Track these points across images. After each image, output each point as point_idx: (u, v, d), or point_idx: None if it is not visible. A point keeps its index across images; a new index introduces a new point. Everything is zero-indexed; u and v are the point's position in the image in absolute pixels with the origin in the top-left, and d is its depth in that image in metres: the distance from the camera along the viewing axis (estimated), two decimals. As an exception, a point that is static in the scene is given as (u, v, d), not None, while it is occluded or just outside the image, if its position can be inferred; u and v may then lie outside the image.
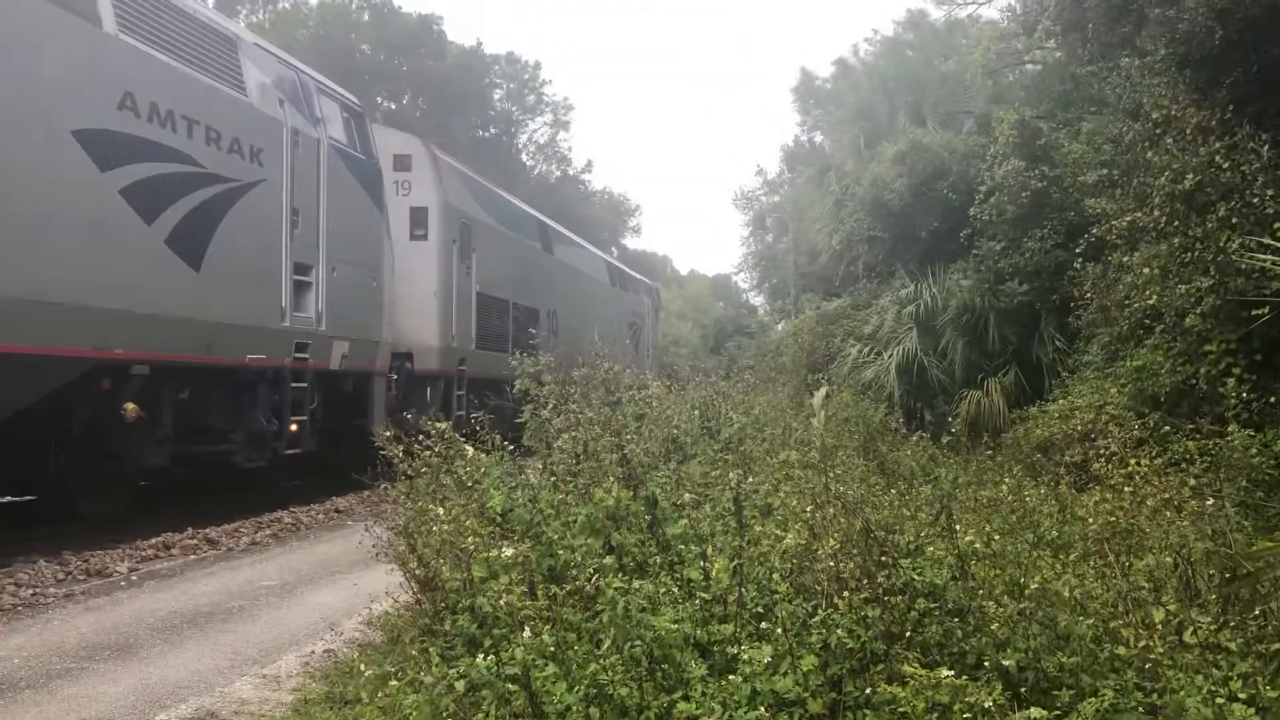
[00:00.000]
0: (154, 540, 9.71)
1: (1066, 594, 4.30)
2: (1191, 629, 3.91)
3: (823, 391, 5.27)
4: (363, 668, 4.36)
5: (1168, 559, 4.90)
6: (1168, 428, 9.83)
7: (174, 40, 10.17)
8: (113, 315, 9.15)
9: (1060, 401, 12.51)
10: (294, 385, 12.08)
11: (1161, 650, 3.69)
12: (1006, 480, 7.84)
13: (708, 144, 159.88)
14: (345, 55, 54.91)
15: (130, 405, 9.51)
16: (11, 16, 8.13)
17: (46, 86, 8.44)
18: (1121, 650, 3.81)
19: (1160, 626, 3.94)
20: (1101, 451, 10.08)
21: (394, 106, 56.57)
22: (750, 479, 5.67)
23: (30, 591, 7.60)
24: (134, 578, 8.32)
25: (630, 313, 30.44)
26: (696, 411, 9.09)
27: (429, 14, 62.24)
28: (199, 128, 10.24)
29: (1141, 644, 3.74)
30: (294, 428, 11.92)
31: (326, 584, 8.00)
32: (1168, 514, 6.13)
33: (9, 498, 11.15)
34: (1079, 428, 11.06)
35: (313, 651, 5.90)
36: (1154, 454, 9.03)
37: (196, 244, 10.19)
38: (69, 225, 8.64)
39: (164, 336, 9.90)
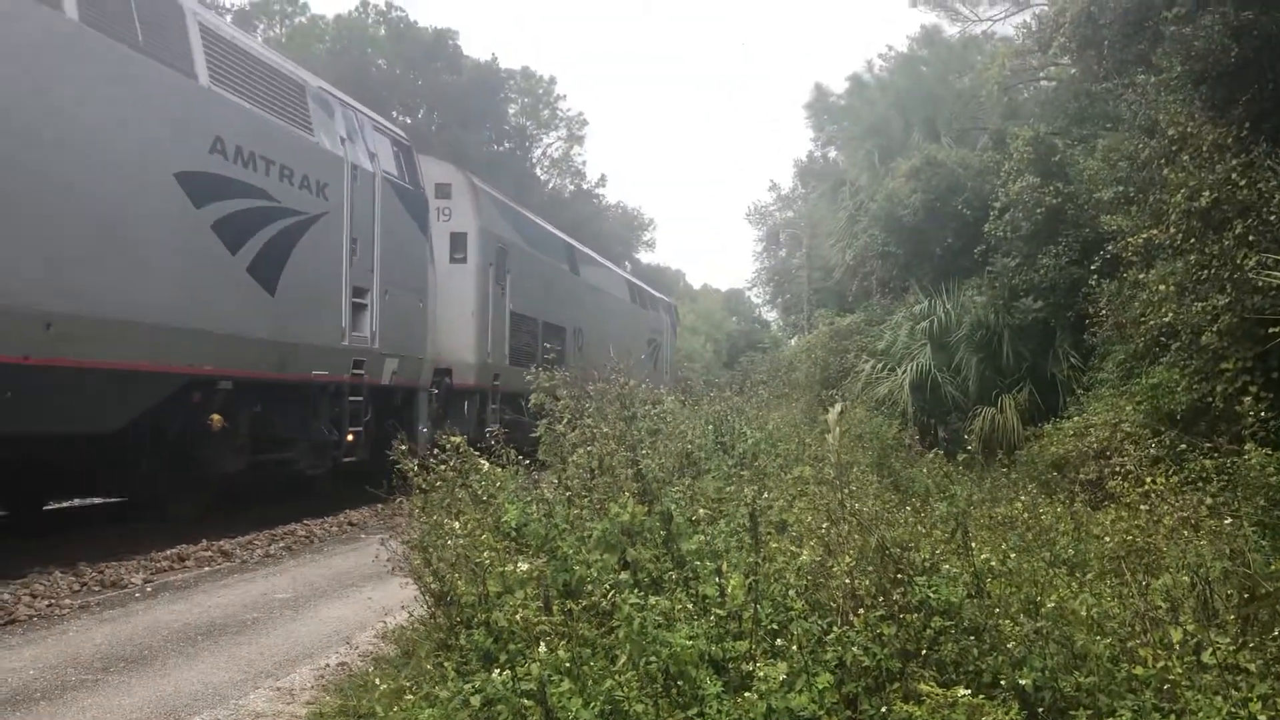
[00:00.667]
0: (168, 552, 9.74)
1: (1083, 613, 4.27)
2: (1210, 649, 3.88)
3: (837, 408, 5.27)
4: (377, 681, 4.37)
5: (1185, 578, 4.87)
6: (1184, 446, 9.78)
7: (253, 88, 11.22)
8: (205, 336, 10.17)
9: (1075, 419, 12.47)
10: (351, 399, 12.95)
11: (1180, 671, 3.66)
12: (1022, 498, 7.82)
13: (713, 149, 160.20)
14: (361, 70, 55.24)
15: (216, 416, 10.44)
16: (126, 73, 9.18)
17: (155, 135, 9.52)
18: (1139, 670, 3.78)
19: (1178, 647, 3.91)
20: (1117, 469, 10.05)
21: (409, 120, 56.77)
22: (765, 495, 5.66)
23: (46, 603, 7.62)
24: (149, 589, 8.34)
25: (650, 329, 31.33)
26: (710, 427, 9.09)
27: (444, 28, 62.41)
28: (274, 166, 11.24)
29: (1160, 664, 3.72)
30: (350, 438, 12.68)
31: (340, 597, 8.01)
32: (1185, 533, 6.10)
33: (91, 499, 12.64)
34: (1094, 445, 11.02)
35: (327, 664, 5.90)
36: (1170, 472, 8.98)
37: (272, 271, 11.19)
38: (171, 256, 9.67)
39: (245, 355, 10.86)
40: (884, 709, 3.68)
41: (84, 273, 8.59)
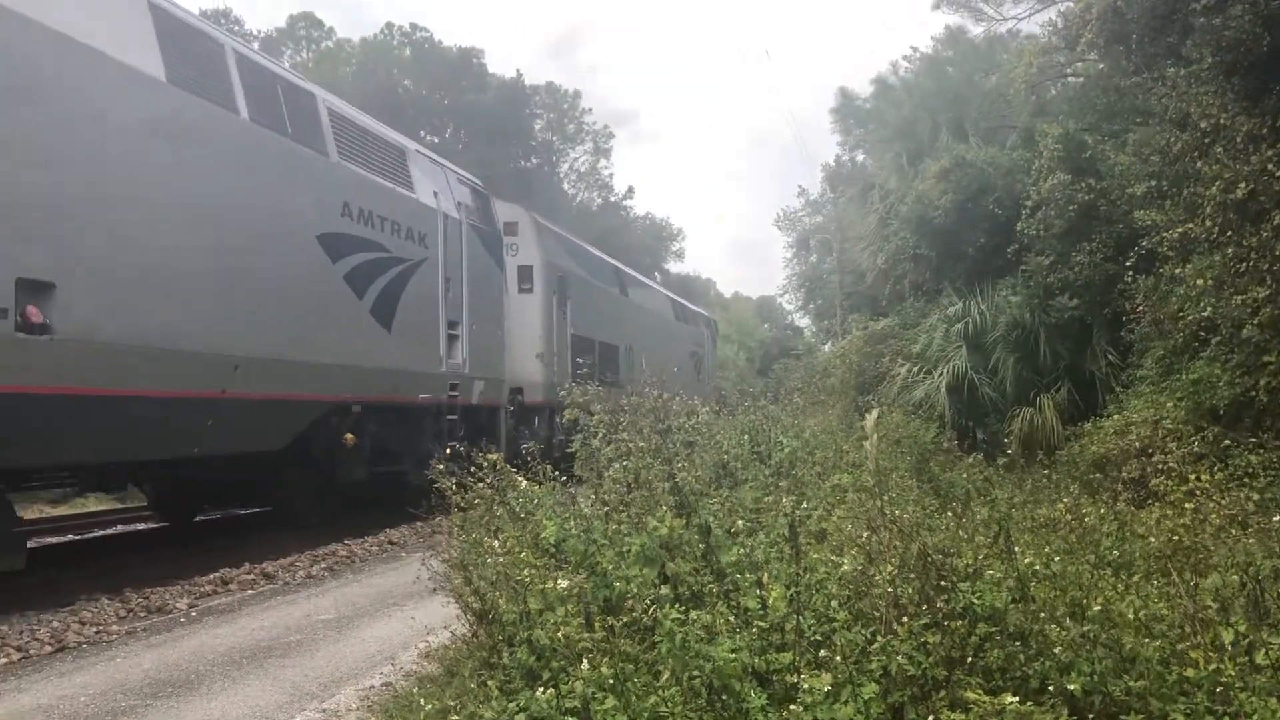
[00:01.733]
0: (212, 576, 9.84)
1: (1131, 615, 4.21)
2: (1263, 650, 3.82)
3: (875, 414, 5.22)
4: (422, 701, 4.37)
5: (1234, 577, 4.80)
6: (1228, 441, 9.65)
7: (368, 157, 13.25)
8: (343, 369, 12.19)
9: (1115, 417, 12.33)
10: (448, 417, 14.81)
11: (1233, 672, 3.60)
12: (1064, 499, 7.73)
13: (738, 153, 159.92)
14: (388, 92, 55.70)
15: (349, 435, 12.33)
16: (281, 157, 11.17)
17: (303, 206, 11.52)
18: (1191, 673, 3.72)
19: (1230, 648, 3.84)
20: (1160, 467, 9.93)
21: (436, 140, 57.16)
22: (804, 504, 5.63)
23: (94, 629, 7.73)
24: (193, 614, 8.43)
25: (692, 343, 33.17)
26: (746, 437, 9.06)
27: (469, 47, 62.87)
28: (387, 222, 13.27)
29: (1212, 666, 3.65)
30: (448, 451, 14.15)
31: (382, 617, 8.05)
32: (1232, 531, 6.01)
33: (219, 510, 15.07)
34: (1135, 443, 10.89)
35: (371, 685, 5.93)
36: (1215, 469, 8.87)
37: (388, 311, 13.21)
38: (317, 304, 11.69)
39: (370, 383, 12.82)
40: (930, 718, 3.64)
41: (256, 323, 10.54)
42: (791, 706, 3.52)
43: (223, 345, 9.99)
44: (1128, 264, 13.13)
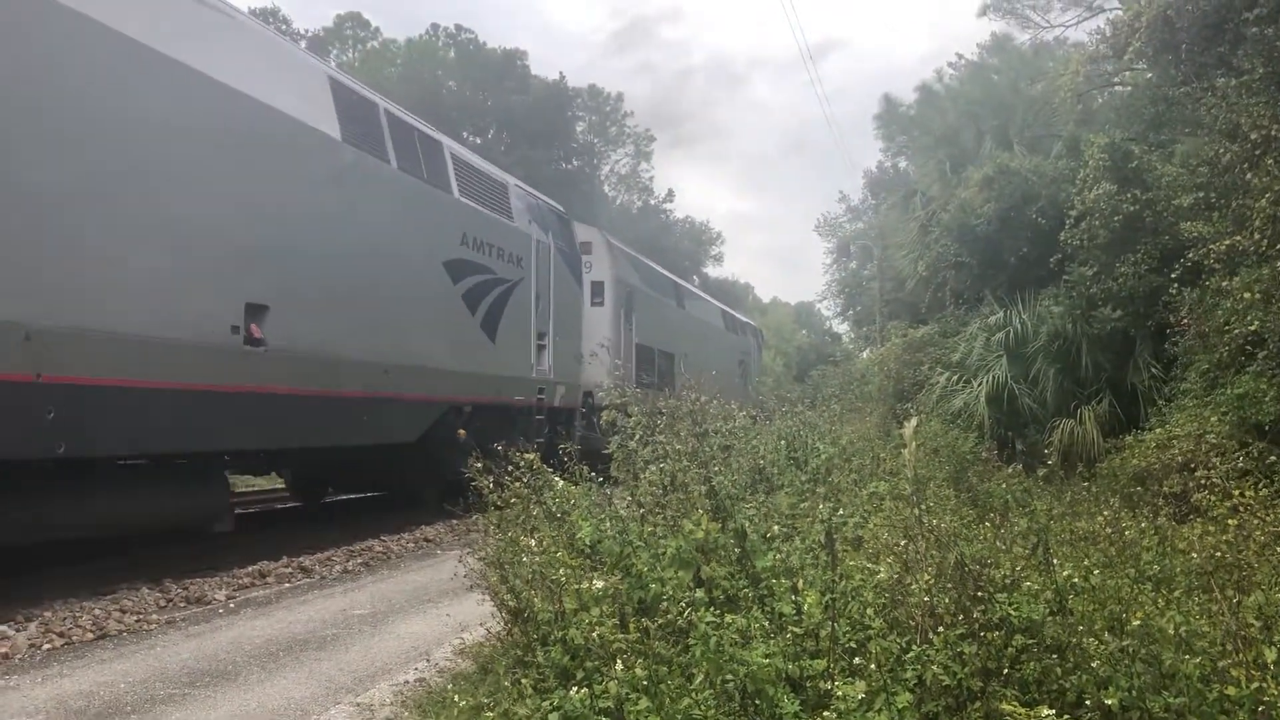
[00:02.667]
0: (250, 568, 9.95)
1: (1171, 631, 4.16)
2: (1307, 669, 3.76)
3: (913, 422, 5.20)
4: (456, 698, 4.41)
5: (1278, 595, 4.73)
6: (1274, 458, 9.49)
7: (480, 193, 15.38)
8: (461, 375, 14.29)
9: (1157, 430, 12.15)
10: (536, 417, 16.83)
11: (1276, 691, 3.55)
12: (1104, 512, 7.64)
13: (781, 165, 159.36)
14: (432, 93, 56.10)
15: (461, 430, 13.98)
16: (420, 198, 13.31)
17: (434, 238, 13.69)
18: (1232, 690, 3.67)
19: (1273, 667, 3.79)
20: (1202, 482, 9.78)
21: (479, 141, 57.51)
22: (840, 511, 5.62)
23: (135, 618, 7.84)
24: (232, 605, 8.53)
25: (740, 351, 35.19)
26: (783, 442, 9.04)
27: (513, 49, 63.18)
28: (493, 248, 15.40)
29: (1254, 685, 3.60)
30: (536, 447, 16.49)
31: (417, 613, 8.11)
32: (1277, 548, 5.91)
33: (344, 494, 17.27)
34: (1178, 457, 10.72)
35: (405, 680, 5.97)
36: (1259, 485, 8.73)
37: (493, 325, 15.38)
38: (443, 320, 13.91)
39: (479, 387, 14.85)
40: (966, 729, 3.62)
41: (399, 336, 12.60)
42: (825, 713, 3.51)
43: (377, 354, 12.09)
44: (1173, 276, 12.94)
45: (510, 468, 6.11)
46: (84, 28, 7.99)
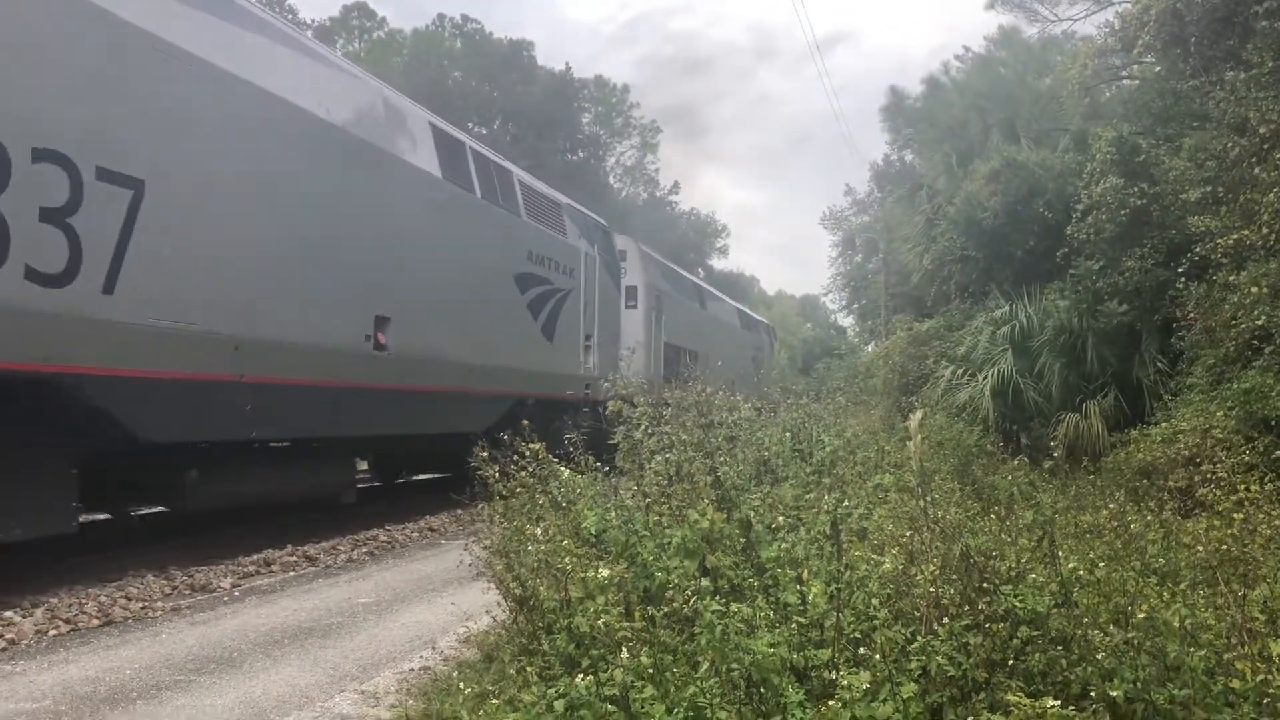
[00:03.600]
0: (255, 556, 9.97)
1: (1176, 624, 4.16)
2: (1312, 663, 3.76)
3: (918, 414, 5.21)
4: (461, 686, 4.41)
5: (1284, 589, 4.72)
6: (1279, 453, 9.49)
7: (541, 214, 17.36)
8: (527, 373, 16.12)
9: (1163, 425, 12.15)
10: (583, 409, 18.16)
11: (1280, 684, 3.55)
12: (1110, 505, 7.64)
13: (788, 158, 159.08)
14: (438, 83, 56.01)
15: (525, 421, 14.62)
16: (497, 221, 15.38)
17: (507, 255, 15.75)
18: (1237, 683, 3.67)
19: (1278, 659, 3.79)
20: (1208, 477, 9.77)
21: (485, 131, 57.43)
22: (846, 502, 5.62)
23: (140, 605, 7.86)
24: (236, 593, 8.54)
25: (754, 348, 37.52)
26: (788, 434, 9.04)
27: (519, 39, 63.10)
28: (551, 261, 17.33)
29: (1259, 678, 3.60)
30: (584, 437, 18.14)
31: (422, 601, 8.12)
32: (1282, 542, 5.91)
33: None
34: (1183, 452, 10.72)
35: (410, 668, 5.98)
36: (1265, 480, 8.72)
37: (551, 329, 17.30)
38: (512, 325, 15.88)
39: (540, 383, 16.67)
40: (970, 719, 3.62)
41: (481, 339, 14.65)
42: (830, 703, 3.52)
43: (464, 356, 14.03)
44: (1180, 270, 12.92)
45: (516, 456, 6.11)
46: (290, 115, 10.49)
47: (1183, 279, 12.83)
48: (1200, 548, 5.86)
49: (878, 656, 3.79)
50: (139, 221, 8.45)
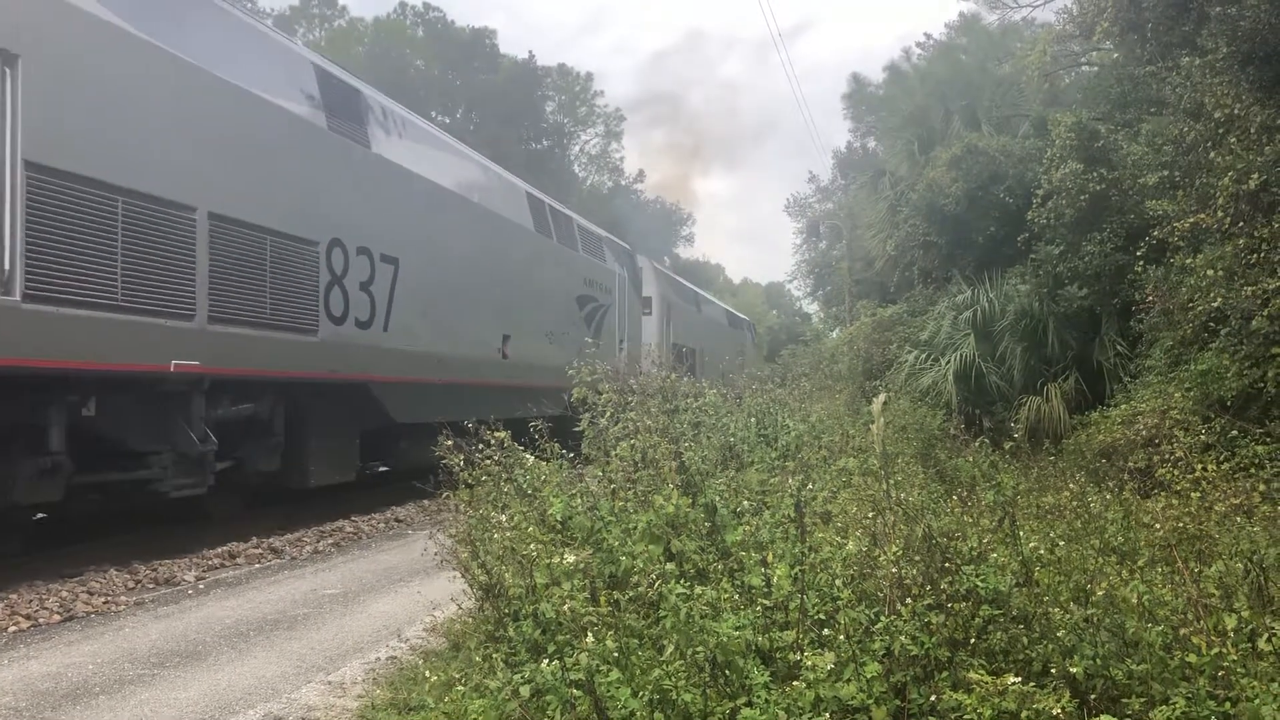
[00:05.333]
0: (219, 549, 9.89)
1: (1134, 600, 4.23)
2: (1265, 636, 3.83)
3: (881, 398, 5.26)
4: (427, 674, 4.41)
5: (1239, 565, 4.81)
6: (1235, 432, 9.64)
7: (592, 247, 22.63)
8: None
9: (1123, 406, 12.32)
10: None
11: (1235, 658, 3.62)
12: (1070, 486, 7.73)
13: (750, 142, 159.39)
14: (400, 71, 55.57)
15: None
16: (564, 257, 20.49)
17: (572, 282, 20.76)
18: (1193, 658, 3.73)
19: (1233, 634, 3.86)
20: (1166, 457, 9.92)
21: (448, 120, 57.06)
22: (810, 485, 5.65)
23: (102, 600, 7.78)
24: (201, 586, 8.48)
25: (738, 343, 43.25)
26: (753, 420, 9.07)
27: (482, 28, 62.70)
28: (597, 283, 22.42)
29: (1214, 651, 3.67)
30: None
31: (389, 592, 8.09)
32: (1238, 520, 6.00)
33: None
34: (1142, 433, 10.88)
35: (377, 658, 5.97)
36: (1221, 459, 8.86)
37: (597, 335, 21.88)
38: (573, 335, 19.63)
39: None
40: (933, 698, 3.66)
41: (557, 346, 18.64)
42: (794, 684, 3.54)
43: (546, 360, 17.80)
44: (1138, 254, 13.07)
45: (481, 445, 6.10)
46: (460, 202, 15.73)
47: (1141, 263, 12.99)
48: (1159, 526, 5.96)
49: (842, 637, 3.82)
50: (398, 285, 13.31)
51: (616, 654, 3.63)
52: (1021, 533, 5.05)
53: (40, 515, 9.90)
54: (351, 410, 12.64)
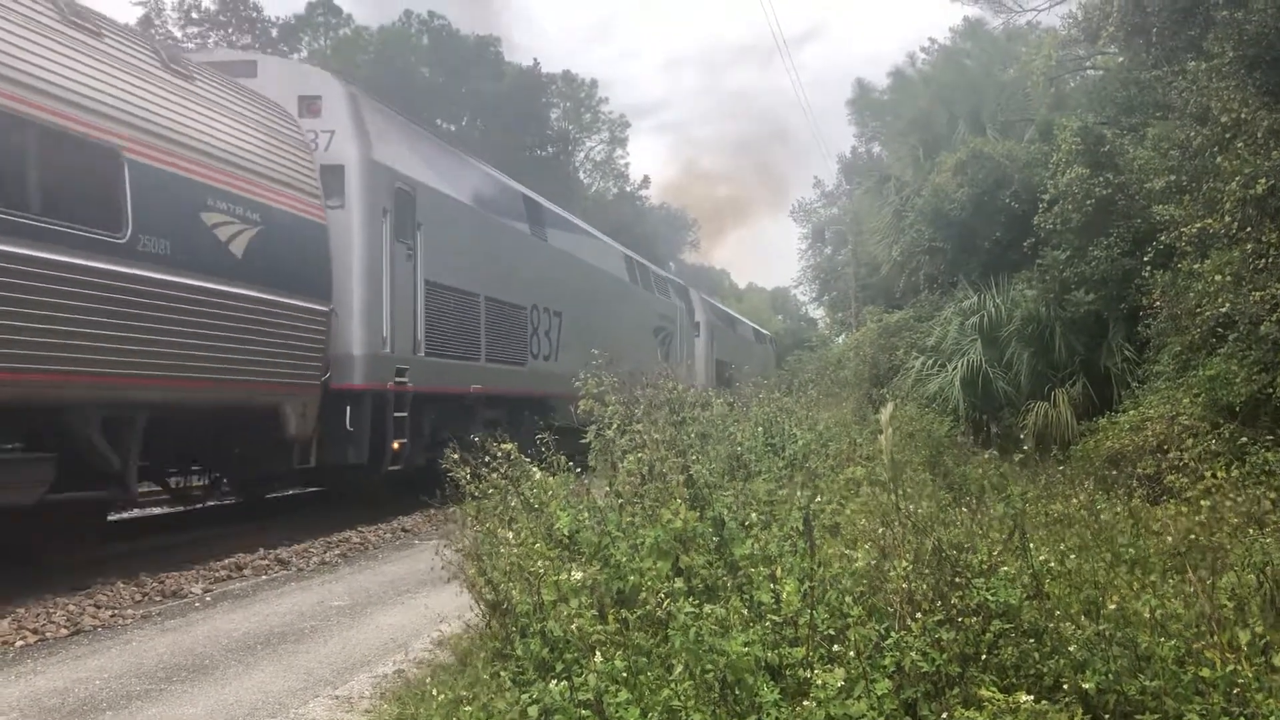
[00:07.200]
0: (226, 561, 9.89)
1: (1146, 614, 4.19)
2: (1280, 651, 3.80)
3: (889, 408, 5.23)
4: (434, 691, 4.39)
5: (1251, 577, 4.77)
6: (1245, 439, 9.58)
7: (660, 287, 29.90)
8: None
9: (1130, 412, 12.26)
10: None
11: (1249, 673, 3.58)
12: (1079, 495, 7.69)
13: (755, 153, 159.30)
14: (405, 79, 55.63)
15: None
16: (649, 301, 28.56)
17: (651, 317, 28.18)
18: (1206, 673, 3.69)
19: (1246, 648, 3.82)
20: (1175, 464, 9.87)
21: (453, 128, 57.11)
22: (818, 498, 5.63)
23: (109, 613, 7.77)
24: (208, 598, 8.47)
25: (764, 356, 49.08)
26: (760, 429, 9.04)
27: (486, 35, 62.82)
28: (665, 316, 28.98)
29: (1228, 667, 3.63)
30: None
31: (395, 604, 8.07)
32: (1249, 530, 5.96)
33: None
34: (1151, 439, 10.82)
35: (384, 673, 5.94)
36: (1231, 466, 8.81)
37: (666, 352, 27.53)
38: (650, 355, 25.00)
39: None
40: (944, 715, 3.63)
41: (642, 365, 17.72)
42: (804, 702, 3.52)
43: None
44: (1145, 259, 13.01)
45: (488, 458, 6.07)
46: (588, 270, 22.73)
47: (1148, 267, 12.93)
48: (1169, 536, 5.92)
49: (852, 654, 3.79)
50: (562, 330, 19.73)
51: (625, 673, 3.60)
52: (1031, 544, 5.01)
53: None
54: (537, 416, 17.54)
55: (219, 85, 11.14)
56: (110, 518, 13.31)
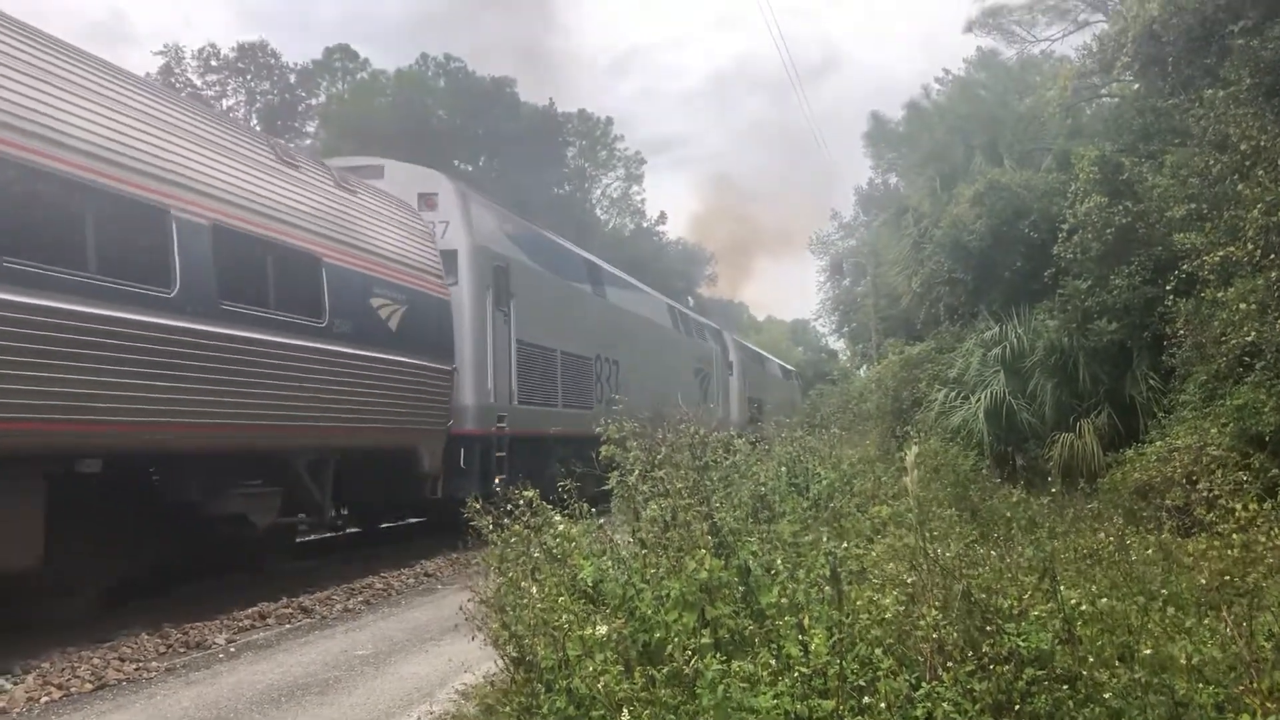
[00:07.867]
0: (250, 610, 9.87)
1: (1183, 660, 4.10)
2: (1321, 697, 3.71)
3: (914, 450, 5.19)
4: (460, 748, 4.34)
5: (1288, 618, 4.66)
6: (1275, 470, 9.45)
7: (698, 332, 32.72)
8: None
9: (1157, 443, 12.11)
10: None
11: (1291, 722, 3.50)
12: (1107, 530, 7.59)
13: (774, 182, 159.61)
14: (422, 121, 56.14)
15: None
16: (693, 345, 31.92)
17: (690, 359, 30.86)
18: (1246, 718, 3.62)
19: (1287, 695, 3.74)
20: (1205, 496, 9.73)
21: (470, 169, 57.53)
22: (845, 544, 5.56)
23: (134, 666, 7.76)
24: (232, 649, 8.45)
25: (789, 390, 51.41)
26: (784, 469, 8.98)
27: (502, 76, 63.39)
28: (703, 358, 31.86)
29: (1270, 717, 3.55)
30: None
31: (419, 652, 8.03)
32: (1284, 568, 5.86)
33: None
34: (1179, 470, 10.68)
35: (409, 726, 5.90)
36: (1262, 498, 8.68)
37: (704, 392, 30.93)
38: (691, 394, 27.51)
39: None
40: (978, 768, 3.57)
41: (684, 401, 19.46)
42: (835, 757, 3.45)
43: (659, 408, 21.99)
44: (1168, 287, 12.91)
45: (510, 506, 6.03)
46: (638, 322, 26.18)
47: (1171, 295, 12.83)
48: (1201, 574, 5.82)
49: (882, 705, 3.73)
50: (619, 375, 22.10)
51: (653, 731, 3.55)
52: (1062, 585, 4.93)
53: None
54: (583, 457, 18.21)
55: (372, 195, 13.81)
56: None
